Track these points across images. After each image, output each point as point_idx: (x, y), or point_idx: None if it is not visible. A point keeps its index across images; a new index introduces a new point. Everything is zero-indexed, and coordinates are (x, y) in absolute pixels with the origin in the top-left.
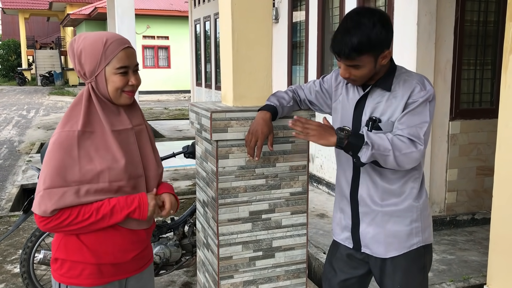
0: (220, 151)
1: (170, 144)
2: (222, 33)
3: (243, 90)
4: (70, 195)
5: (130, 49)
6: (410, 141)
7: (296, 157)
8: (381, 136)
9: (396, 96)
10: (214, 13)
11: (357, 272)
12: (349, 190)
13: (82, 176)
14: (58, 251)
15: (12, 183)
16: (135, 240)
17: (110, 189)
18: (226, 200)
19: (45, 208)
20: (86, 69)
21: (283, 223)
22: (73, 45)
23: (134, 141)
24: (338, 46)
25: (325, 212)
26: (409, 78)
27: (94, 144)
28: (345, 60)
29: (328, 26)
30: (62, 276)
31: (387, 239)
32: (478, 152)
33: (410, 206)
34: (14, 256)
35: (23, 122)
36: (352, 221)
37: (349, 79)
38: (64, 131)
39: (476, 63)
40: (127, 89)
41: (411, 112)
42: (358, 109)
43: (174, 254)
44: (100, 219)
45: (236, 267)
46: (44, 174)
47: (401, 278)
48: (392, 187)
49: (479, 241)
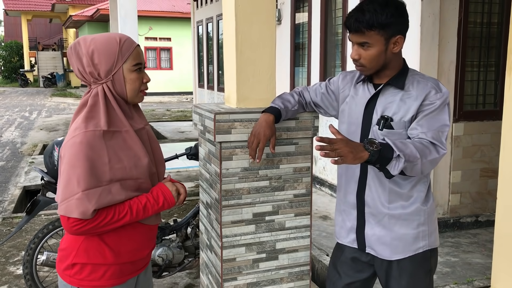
0: (224, 152)
1: (172, 145)
2: (225, 35)
3: (246, 92)
4: (106, 194)
5: (139, 48)
6: (433, 146)
7: (300, 159)
8: (405, 144)
9: (410, 96)
10: (217, 15)
11: (361, 275)
12: (356, 191)
13: (112, 175)
14: (77, 257)
15: (14, 185)
16: (151, 236)
17: (136, 186)
18: (229, 201)
19: (85, 210)
20: (102, 69)
21: (286, 225)
22: (78, 48)
23: (147, 139)
24: (349, 20)
25: (328, 214)
26: (423, 80)
27: (118, 144)
28: (354, 34)
29: (331, 28)
30: (83, 281)
31: (393, 242)
32: (482, 154)
33: (417, 210)
34: (16, 258)
35: (25, 123)
36: (358, 222)
37: (358, 62)
38: (89, 131)
39: (479, 65)
40: (143, 87)
41: (430, 115)
42: (368, 108)
43: (177, 256)
44: (135, 217)
45: (240, 269)
46: (76, 176)
47: (407, 281)
48: (401, 190)
49: (483, 244)
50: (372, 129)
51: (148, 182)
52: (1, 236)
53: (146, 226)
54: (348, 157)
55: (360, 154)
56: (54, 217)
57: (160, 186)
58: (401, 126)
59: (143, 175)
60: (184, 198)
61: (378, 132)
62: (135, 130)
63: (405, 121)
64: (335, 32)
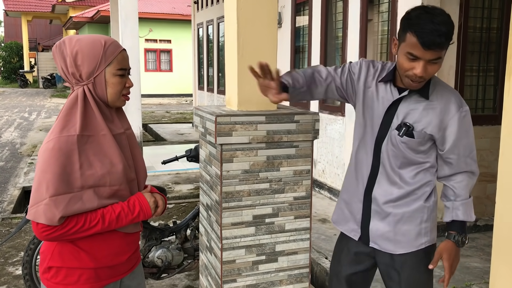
0: (225, 154)
1: (171, 147)
2: (227, 38)
3: (247, 95)
4: (76, 201)
5: (125, 52)
6: (474, 175)
7: (300, 162)
8: (463, 201)
9: (434, 108)
10: (217, 17)
11: (363, 266)
12: (364, 188)
13: (84, 181)
14: (52, 260)
15: (13, 185)
16: (130, 241)
17: (110, 193)
18: (229, 203)
19: (52, 216)
20: (84, 70)
21: (286, 227)
22: (63, 47)
23: (126, 145)
24: (430, 36)
25: (327, 217)
26: (445, 91)
27: (93, 148)
28: (433, 52)
29: (331, 31)
30: (58, 284)
31: (397, 237)
32: (481, 159)
33: (421, 207)
34: (15, 258)
35: (25, 124)
36: (363, 217)
37: (421, 78)
38: (62, 136)
39: (479, 69)
40: (124, 91)
41: (463, 136)
42: (389, 111)
43: (176, 257)
44: (107, 226)
45: (239, 271)
46: (45, 181)
47: (408, 274)
48: (409, 188)
49: (481, 248)
50: (390, 133)
51: (126, 189)
52: (0, 236)
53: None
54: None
55: (458, 257)
56: None
57: (138, 196)
58: (421, 136)
59: (118, 181)
60: (162, 211)
61: (398, 138)
62: (114, 134)
63: (426, 133)
64: (335, 36)
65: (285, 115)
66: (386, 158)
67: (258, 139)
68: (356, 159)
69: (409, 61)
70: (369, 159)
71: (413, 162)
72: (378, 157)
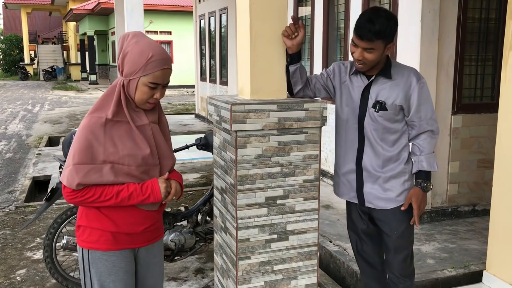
0: (239, 141)
1: (174, 138)
2: (239, 30)
3: (260, 84)
4: (94, 172)
5: (168, 70)
6: (434, 134)
7: (309, 147)
8: (427, 154)
9: (398, 84)
10: (219, 9)
11: (368, 222)
12: (355, 159)
13: (106, 157)
14: (81, 219)
15: (24, 175)
16: (147, 215)
17: (127, 172)
18: (244, 186)
19: (71, 181)
20: (125, 70)
21: (296, 208)
22: (125, 41)
23: (150, 135)
24: (362, 30)
25: (330, 203)
26: (405, 69)
27: (118, 132)
28: (365, 42)
29: (333, 22)
30: (83, 242)
31: (386, 194)
32: (479, 146)
33: (403, 169)
34: (32, 244)
35: (29, 116)
36: (357, 183)
37: (360, 61)
38: (94, 116)
39: (477, 59)
40: (151, 100)
41: (422, 102)
42: (364, 95)
43: (188, 241)
44: (119, 202)
45: (253, 249)
46: (73, 151)
47: (397, 224)
48: (391, 154)
49: (480, 231)
50: (368, 111)
51: (144, 172)
52: (16, 223)
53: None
54: (423, 208)
55: (426, 200)
56: (67, 205)
57: (152, 181)
58: (393, 108)
59: (136, 163)
60: (177, 197)
61: (375, 114)
62: (137, 125)
63: (396, 104)
64: (337, 27)
65: (295, 103)
66: (369, 132)
67: (270, 126)
68: (346, 139)
69: (353, 47)
70: (355, 136)
71: (390, 130)
72: (362, 132)
